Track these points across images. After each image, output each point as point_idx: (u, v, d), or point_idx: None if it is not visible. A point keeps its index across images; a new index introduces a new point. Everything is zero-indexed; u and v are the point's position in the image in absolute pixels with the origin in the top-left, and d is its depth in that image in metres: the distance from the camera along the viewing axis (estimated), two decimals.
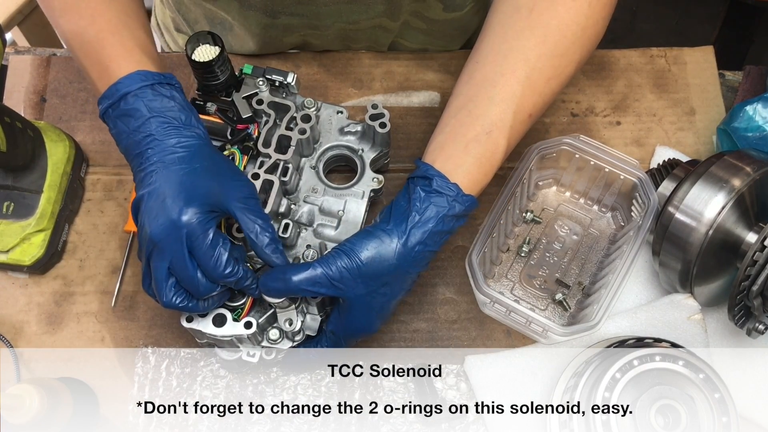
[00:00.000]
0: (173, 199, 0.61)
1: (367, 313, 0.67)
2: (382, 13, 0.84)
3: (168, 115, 0.64)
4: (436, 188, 0.66)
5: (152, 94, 0.64)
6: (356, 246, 0.65)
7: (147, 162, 0.63)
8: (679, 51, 0.93)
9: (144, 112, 0.63)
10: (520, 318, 0.74)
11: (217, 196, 0.62)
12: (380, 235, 0.65)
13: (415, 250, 0.65)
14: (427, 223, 0.65)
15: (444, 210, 0.65)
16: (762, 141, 0.78)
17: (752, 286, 0.67)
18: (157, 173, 0.62)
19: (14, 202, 0.78)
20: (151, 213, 0.61)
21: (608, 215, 0.84)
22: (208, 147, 0.65)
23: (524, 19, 0.69)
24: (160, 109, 0.64)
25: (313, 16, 0.84)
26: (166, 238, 0.60)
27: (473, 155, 0.67)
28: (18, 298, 0.80)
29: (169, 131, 0.64)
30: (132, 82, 0.64)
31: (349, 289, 0.65)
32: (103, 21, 0.67)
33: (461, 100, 0.70)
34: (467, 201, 0.66)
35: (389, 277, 0.66)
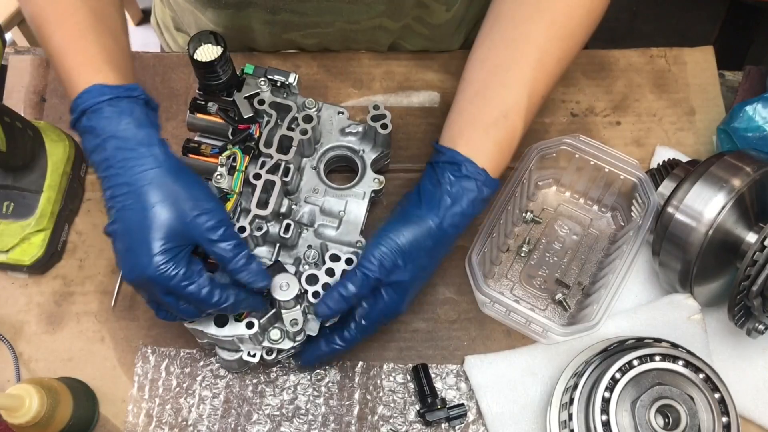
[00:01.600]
0: (137, 248, 0.59)
1: (404, 297, 0.68)
2: (383, 12, 0.84)
3: (123, 135, 0.61)
4: (466, 173, 0.67)
5: (109, 111, 0.61)
6: (396, 234, 0.67)
7: (108, 192, 0.61)
8: (679, 51, 0.93)
9: (100, 131, 0.61)
10: (520, 318, 0.74)
11: (180, 231, 0.60)
12: (416, 220, 0.67)
13: (448, 233, 0.67)
14: (460, 206, 0.67)
15: (473, 194, 0.68)
16: (762, 141, 0.78)
17: (752, 286, 0.67)
18: (117, 209, 0.60)
19: (14, 201, 0.78)
20: (120, 256, 0.61)
21: (608, 215, 0.84)
22: (167, 174, 0.61)
23: (532, 4, 0.71)
24: (115, 129, 0.60)
25: (314, 14, 0.84)
26: (141, 285, 0.61)
27: (493, 139, 0.69)
28: (18, 298, 0.80)
29: (126, 158, 0.60)
30: (89, 97, 0.61)
31: (397, 276, 0.67)
32: (68, 26, 0.64)
33: (475, 87, 0.72)
34: (494, 184, 0.69)
35: (426, 260, 0.68)
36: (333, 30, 0.87)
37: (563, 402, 0.70)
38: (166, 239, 0.60)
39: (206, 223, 0.61)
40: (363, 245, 0.73)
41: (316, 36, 0.89)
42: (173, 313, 0.64)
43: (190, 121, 0.76)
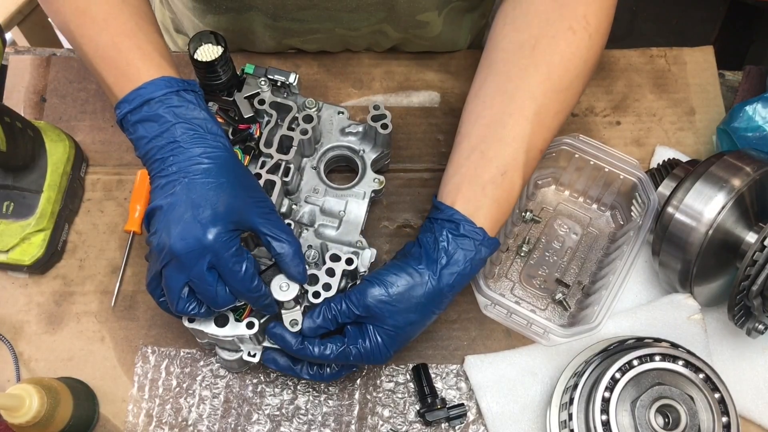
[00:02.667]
0: (198, 215, 0.60)
1: (388, 342, 0.67)
2: (383, 20, 0.84)
3: (194, 122, 0.63)
4: (464, 233, 0.66)
5: (178, 101, 0.63)
6: (384, 275, 0.67)
7: (169, 169, 0.62)
8: (679, 51, 0.93)
9: (169, 118, 0.62)
10: (520, 320, 0.74)
11: (240, 213, 0.62)
12: (412, 273, 0.66)
13: (443, 292, 0.66)
14: (457, 266, 0.66)
15: (471, 254, 0.66)
16: (762, 141, 0.78)
17: (752, 286, 0.67)
18: (179, 183, 0.61)
19: (14, 201, 0.78)
20: (171, 225, 0.60)
21: (607, 214, 0.84)
22: (233, 159, 0.64)
23: (527, 57, 0.70)
24: (186, 115, 0.63)
25: (314, 21, 0.84)
26: (188, 254, 0.60)
27: (491, 197, 0.68)
28: (18, 298, 0.80)
29: (195, 139, 0.62)
30: (156, 88, 0.63)
31: (376, 317, 0.66)
32: (117, 24, 0.66)
33: (472, 142, 0.70)
34: (492, 244, 0.67)
35: (414, 315, 0.66)
36: (333, 36, 0.87)
37: (563, 402, 0.70)
38: (228, 217, 0.61)
39: (263, 207, 0.64)
40: (363, 245, 0.73)
41: (316, 42, 0.89)
42: (205, 293, 0.62)
43: None
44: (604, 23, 0.72)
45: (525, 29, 0.71)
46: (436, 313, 0.68)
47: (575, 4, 0.70)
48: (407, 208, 0.84)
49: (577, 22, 0.69)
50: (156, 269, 0.62)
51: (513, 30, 0.72)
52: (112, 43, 0.65)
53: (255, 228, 0.63)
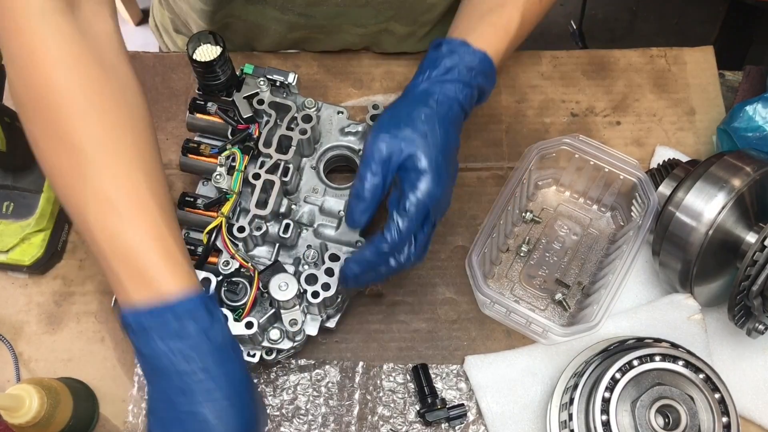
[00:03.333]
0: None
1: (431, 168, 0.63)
2: (391, 17, 0.84)
3: (219, 343, 0.57)
4: (447, 48, 0.66)
5: (208, 318, 0.57)
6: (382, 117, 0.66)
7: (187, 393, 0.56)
8: (679, 51, 0.93)
9: (194, 337, 0.56)
10: (520, 318, 0.74)
11: None
12: (399, 98, 0.66)
13: (437, 97, 0.65)
14: (442, 74, 0.65)
15: (455, 63, 0.66)
16: (762, 141, 0.78)
17: (752, 286, 0.67)
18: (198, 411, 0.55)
19: (14, 202, 0.78)
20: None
21: (608, 215, 0.84)
22: (249, 382, 0.59)
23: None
24: (212, 336, 0.57)
25: (322, 17, 0.84)
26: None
27: (487, 22, 0.69)
28: (18, 298, 0.80)
29: (215, 362, 0.56)
30: (186, 304, 0.56)
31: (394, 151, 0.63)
32: (143, 223, 0.57)
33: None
34: (479, 54, 0.66)
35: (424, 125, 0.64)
36: (339, 33, 0.87)
37: (563, 402, 0.70)
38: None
39: None
40: (363, 245, 0.73)
41: (321, 34, 0.89)
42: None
43: (190, 121, 0.76)
44: None
45: None
46: (449, 126, 0.65)
47: None
48: None
49: None
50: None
51: None
52: (136, 243, 0.57)
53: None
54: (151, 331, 0.56)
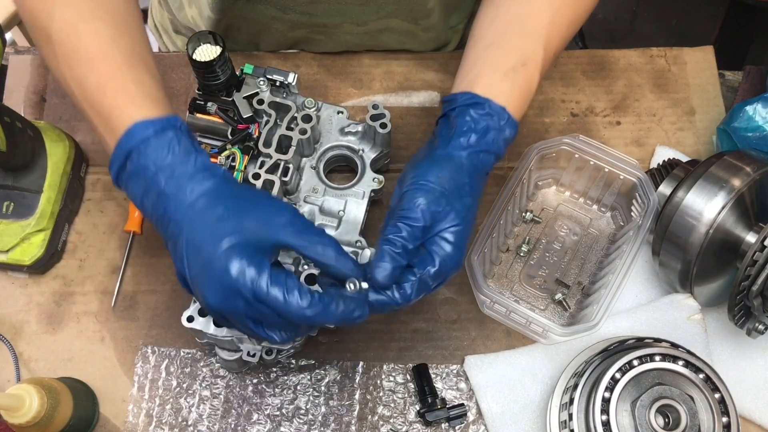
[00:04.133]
0: (214, 258, 0.55)
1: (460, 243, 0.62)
2: (391, 13, 0.84)
3: (175, 163, 0.57)
4: (489, 111, 0.65)
5: (156, 144, 0.57)
6: (427, 176, 0.63)
7: (169, 225, 0.57)
8: (679, 51, 0.93)
9: (151, 168, 0.57)
10: (520, 318, 0.74)
11: (259, 232, 0.57)
12: (443, 160, 0.64)
13: (477, 168, 0.64)
14: (487, 145, 0.65)
15: (497, 134, 0.65)
16: (762, 141, 0.78)
17: (752, 286, 0.67)
18: (183, 236, 0.56)
19: (14, 202, 0.78)
20: (202, 283, 0.56)
21: (608, 215, 0.84)
22: (226, 184, 0.59)
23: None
24: (164, 160, 0.57)
25: (323, 15, 0.84)
26: (228, 306, 0.56)
27: (512, 83, 0.67)
28: (18, 298, 0.80)
29: (180, 182, 0.57)
30: (132, 137, 0.57)
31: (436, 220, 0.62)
32: (103, 66, 0.60)
33: (488, 40, 0.70)
34: (516, 126, 0.66)
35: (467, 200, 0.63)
36: (339, 32, 0.87)
37: (563, 402, 0.70)
38: (244, 243, 0.55)
39: (282, 216, 0.58)
40: (363, 245, 0.73)
41: (322, 35, 0.89)
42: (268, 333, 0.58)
43: (190, 121, 0.76)
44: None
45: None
46: (479, 194, 0.65)
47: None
48: None
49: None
50: None
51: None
52: (98, 87, 0.60)
53: (280, 243, 0.57)
54: (121, 176, 0.59)
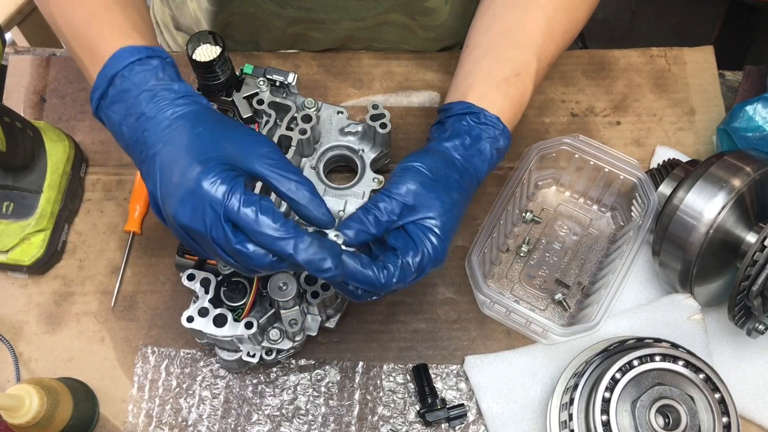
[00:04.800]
0: (187, 172, 0.52)
1: (443, 237, 0.62)
2: (390, 8, 0.84)
3: (157, 87, 0.57)
4: (485, 121, 0.65)
5: (139, 69, 0.57)
6: (412, 160, 0.63)
7: (146, 146, 0.56)
8: (679, 51, 0.93)
9: (133, 91, 0.57)
10: (520, 318, 0.74)
11: (235, 157, 0.54)
12: (436, 153, 0.64)
13: (469, 171, 0.65)
14: (479, 148, 0.65)
15: (491, 141, 0.66)
16: (762, 141, 0.78)
17: (752, 286, 0.67)
18: (159, 154, 0.55)
19: (14, 202, 0.78)
20: (173, 199, 0.54)
21: (608, 215, 0.84)
22: (207, 111, 0.58)
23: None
24: (147, 83, 0.57)
25: (321, 11, 0.84)
26: (197, 222, 0.53)
27: (505, 94, 0.67)
28: (18, 298, 0.80)
29: (161, 105, 0.56)
30: (117, 62, 0.57)
31: (419, 204, 0.61)
32: (93, 1, 0.62)
33: (483, 49, 0.70)
34: (509, 137, 0.67)
35: (454, 194, 0.63)
36: (338, 27, 0.87)
37: (563, 402, 0.70)
38: (219, 160, 0.53)
39: (261, 146, 0.55)
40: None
41: (321, 31, 0.89)
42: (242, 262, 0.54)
43: None
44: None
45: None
46: (469, 196, 0.65)
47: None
48: None
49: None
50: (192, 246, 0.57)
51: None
52: (85, 20, 0.61)
53: (255, 171, 0.54)
54: (102, 104, 0.58)
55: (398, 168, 0.64)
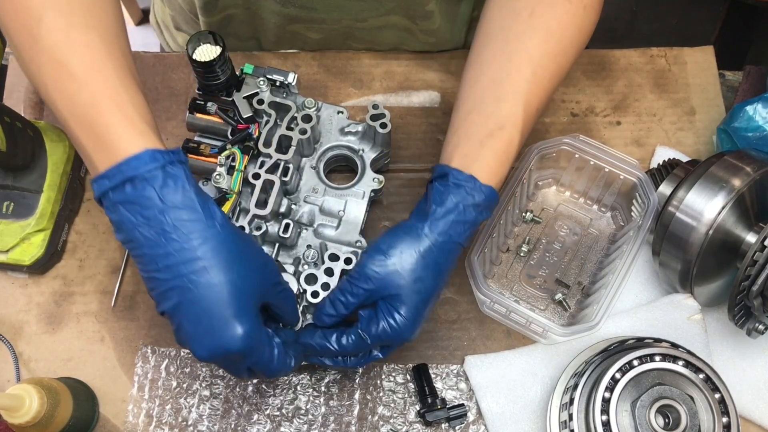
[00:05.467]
0: (217, 322, 0.56)
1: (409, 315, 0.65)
2: (391, 10, 0.84)
3: (184, 204, 0.56)
4: (454, 181, 0.66)
5: (163, 179, 0.55)
6: (380, 242, 0.66)
7: (163, 272, 0.55)
8: (679, 51, 0.93)
9: (156, 202, 0.55)
10: (520, 318, 0.74)
11: (255, 295, 0.59)
12: (402, 229, 0.66)
13: (439, 241, 0.65)
14: (449, 214, 0.65)
15: (463, 199, 0.66)
16: (762, 141, 0.78)
17: (752, 286, 0.67)
18: (181, 285, 0.55)
19: (14, 201, 0.78)
20: (192, 335, 0.56)
21: (608, 215, 0.84)
22: (231, 237, 0.58)
23: (525, 21, 0.71)
24: (174, 199, 0.55)
25: (323, 10, 0.84)
26: (215, 358, 0.58)
27: (489, 149, 0.68)
28: (18, 298, 0.80)
29: (187, 226, 0.55)
30: (140, 164, 0.55)
31: (382, 288, 0.64)
32: (98, 82, 0.57)
33: (469, 104, 0.71)
34: (486, 190, 0.66)
35: (420, 271, 0.65)
36: (338, 27, 0.88)
37: (563, 402, 0.70)
38: (252, 306, 0.58)
39: (274, 275, 0.63)
40: (363, 245, 0.73)
41: (320, 31, 0.89)
42: None
43: (190, 121, 0.76)
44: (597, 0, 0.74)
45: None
46: (443, 271, 0.66)
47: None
48: (407, 208, 0.84)
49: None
50: None
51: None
52: (91, 104, 0.57)
53: (268, 300, 0.62)
54: (110, 195, 0.56)
55: (371, 246, 0.67)
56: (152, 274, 0.56)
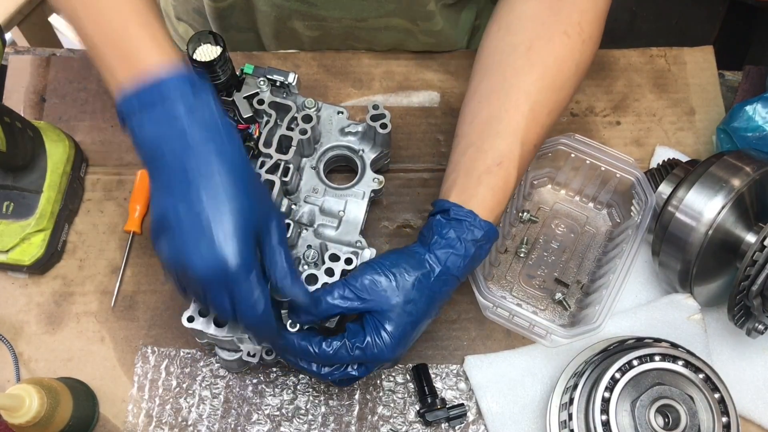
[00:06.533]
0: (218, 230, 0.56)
1: (391, 336, 0.65)
2: (391, 12, 0.84)
3: (208, 120, 0.58)
4: (454, 216, 0.67)
5: (194, 97, 0.57)
6: (382, 257, 0.67)
7: (176, 171, 0.57)
8: (679, 51, 0.93)
9: (182, 116, 0.57)
10: (523, 322, 0.74)
11: (259, 223, 0.59)
12: (406, 252, 0.67)
13: (437, 270, 0.66)
14: (449, 246, 0.66)
15: (463, 233, 0.66)
16: (762, 141, 0.78)
17: (752, 286, 0.67)
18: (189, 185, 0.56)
19: (14, 202, 0.78)
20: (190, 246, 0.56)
21: (604, 212, 0.84)
22: (247, 163, 0.60)
23: (522, 57, 0.71)
24: (203, 115, 0.58)
25: (323, 7, 0.84)
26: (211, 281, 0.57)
27: (486, 185, 0.68)
28: (18, 298, 0.80)
29: (208, 140, 0.57)
30: (171, 81, 0.57)
31: (375, 301, 0.65)
32: (128, 10, 0.60)
33: (468, 139, 0.71)
34: (485, 226, 0.67)
35: (413, 293, 0.65)
36: (339, 26, 0.88)
37: (563, 402, 0.70)
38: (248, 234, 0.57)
39: (279, 215, 0.62)
40: (363, 245, 0.73)
41: (319, 29, 0.89)
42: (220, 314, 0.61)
43: None
44: (597, 32, 0.74)
45: (519, 32, 0.72)
46: (436, 300, 0.67)
47: (570, 11, 0.71)
48: (407, 208, 0.84)
49: (571, 27, 0.71)
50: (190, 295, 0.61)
51: (507, 33, 0.73)
52: (122, 28, 0.59)
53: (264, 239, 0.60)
54: (142, 113, 0.57)
55: (367, 261, 0.68)
56: (167, 188, 0.57)
